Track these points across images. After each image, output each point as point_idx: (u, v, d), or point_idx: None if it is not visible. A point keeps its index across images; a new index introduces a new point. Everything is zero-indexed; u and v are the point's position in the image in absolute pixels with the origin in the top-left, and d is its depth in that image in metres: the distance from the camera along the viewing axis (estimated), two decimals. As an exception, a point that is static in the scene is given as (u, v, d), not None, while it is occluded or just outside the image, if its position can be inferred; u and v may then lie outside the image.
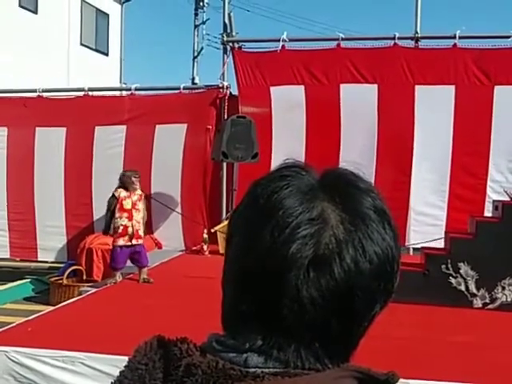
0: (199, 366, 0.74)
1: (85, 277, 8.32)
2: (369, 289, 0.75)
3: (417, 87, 7.99)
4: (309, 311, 0.74)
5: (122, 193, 6.52)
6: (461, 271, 5.40)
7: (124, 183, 6.58)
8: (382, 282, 0.77)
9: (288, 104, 8.49)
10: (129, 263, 6.64)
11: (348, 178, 0.81)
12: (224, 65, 8.89)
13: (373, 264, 0.75)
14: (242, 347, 0.76)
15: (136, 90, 9.36)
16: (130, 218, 6.47)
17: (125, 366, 0.80)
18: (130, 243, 6.46)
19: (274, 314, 0.75)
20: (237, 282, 0.80)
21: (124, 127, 9.21)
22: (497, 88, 7.78)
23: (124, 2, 18.60)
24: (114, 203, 6.50)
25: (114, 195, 6.55)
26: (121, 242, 6.46)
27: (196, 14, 21.49)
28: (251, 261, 0.76)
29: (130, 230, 6.46)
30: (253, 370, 0.74)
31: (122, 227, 6.44)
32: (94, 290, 6.34)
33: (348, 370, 0.76)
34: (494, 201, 6.26)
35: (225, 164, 8.77)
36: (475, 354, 4.13)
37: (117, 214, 6.46)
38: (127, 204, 6.49)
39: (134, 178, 6.57)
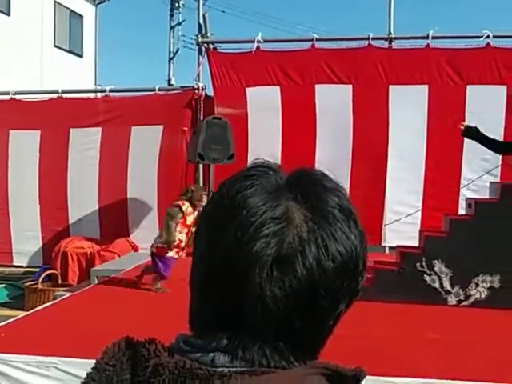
0: (166, 366, 0.74)
1: (60, 281, 8.25)
2: (332, 287, 0.76)
3: (391, 87, 8.06)
4: (272, 310, 0.74)
5: (189, 208, 6.08)
6: (435, 269, 5.45)
7: (192, 198, 6.11)
8: (346, 281, 0.77)
9: (264, 105, 8.50)
10: (105, 266, 6.57)
11: (315, 177, 0.82)
12: (199, 66, 8.87)
13: (336, 262, 0.75)
14: (209, 347, 0.76)
15: (110, 91, 9.29)
16: (188, 234, 6.11)
17: (92, 368, 0.80)
18: (177, 256, 6.12)
19: (238, 314, 0.76)
20: (203, 281, 0.80)
21: (99, 129, 9.14)
22: (469, 87, 7.88)
23: (98, 4, 18.46)
24: (179, 217, 6.02)
25: (181, 209, 6.04)
26: (172, 253, 6.08)
27: (171, 16, 21.44)
28: (216, 260, 0.77)
29: (183, 245, 6.11)
30: (220, 369, 0.74)
31: (178, 241, 6.05)
32: (68, 295, 6.28)
33: (316, 367, 0.77)
34: (467, 198, 6.33)
35: (201, 165, 8.76)
36: (449, 350, 4.18)
37: (178, 228, 6.03)
38: (189, 220, 6.08)
39: (203, 196, 6.17)
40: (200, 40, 8.80)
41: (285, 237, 0.74)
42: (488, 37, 7.82)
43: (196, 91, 8.86)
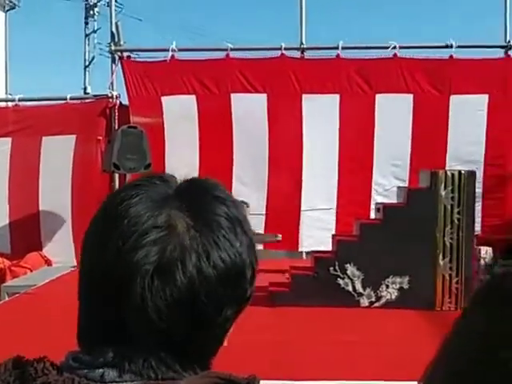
0: None
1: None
2: (215, 295, 0.76)
3: (304, 96, 8.21)
4: (154, 320, 0.74)
5: None
6: (348, 272, 5.60)
7: None
8: (230, 288, 0.78)
9: (180, 114, 8.45)
10: (16, 282, 6.31)
11: (204, 186, 0.82)
12: (112, 74, 8.72)
13: (218, 270, 0.76)
14: (97, 362, 0.75)
15: (20, 100, 8.96)
16: None
17: (-24, 390, 0.78)
18: None
19: (122, 326, 0.75)
20: (87, 294, 0.80)
21: (9, 140, 8.77)
22: (378, 96, 8.17)
23: (8, 10, 17.76)
24: None
25: None
26: None
27: (86, 23, 21.02)
28: (99, 272, 0.76)
29: None
30: None
31: None
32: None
33: (208, 377, 0.77)
34: (376, 203, 6.55)
35: (117, 175, 8.58)
36: (361, 350, 4.29)
37: None
38: None
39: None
40: (113, 48, 8.65)
41: (166, 245, 0.74)
42: (395, 47, 8.14)
43: (110, 100, 8.69)
